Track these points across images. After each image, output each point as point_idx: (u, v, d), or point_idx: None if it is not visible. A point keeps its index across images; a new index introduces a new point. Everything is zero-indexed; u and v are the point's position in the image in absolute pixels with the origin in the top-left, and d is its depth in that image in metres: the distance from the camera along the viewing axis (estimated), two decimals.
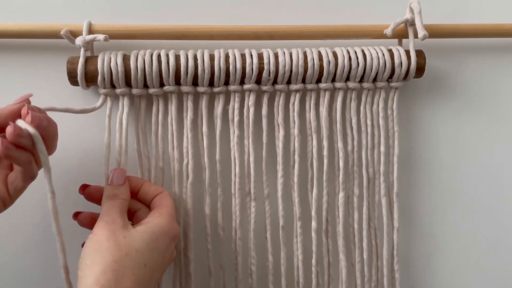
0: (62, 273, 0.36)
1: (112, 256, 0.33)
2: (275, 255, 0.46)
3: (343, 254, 0.47)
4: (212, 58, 0.42)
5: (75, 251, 0.37)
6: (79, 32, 0.42)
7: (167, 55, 0.42)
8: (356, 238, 0.48)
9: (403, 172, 0.51)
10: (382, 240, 0.48)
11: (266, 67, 0.43)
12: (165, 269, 0.38)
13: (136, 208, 0.42)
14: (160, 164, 0.44)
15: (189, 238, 0.44)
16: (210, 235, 0.45)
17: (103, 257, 0.33)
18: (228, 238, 0.46)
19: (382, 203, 0.48)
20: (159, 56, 0.42)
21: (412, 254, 0.53)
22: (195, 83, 0.43)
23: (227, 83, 0.44)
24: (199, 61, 0.42)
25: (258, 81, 0.44)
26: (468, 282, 0.55)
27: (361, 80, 0.46)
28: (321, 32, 0.46)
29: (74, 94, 0.45)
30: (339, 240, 0.47)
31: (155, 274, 0.36)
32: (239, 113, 0.44)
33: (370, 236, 0.48)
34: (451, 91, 0.51)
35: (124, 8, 0.46)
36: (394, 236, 0.48)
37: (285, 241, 0.46)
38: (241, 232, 0.45)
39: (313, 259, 0.46)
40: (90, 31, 0.42)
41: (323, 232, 0.47)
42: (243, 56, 0.43)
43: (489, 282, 0.55)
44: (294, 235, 0.46)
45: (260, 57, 0.43)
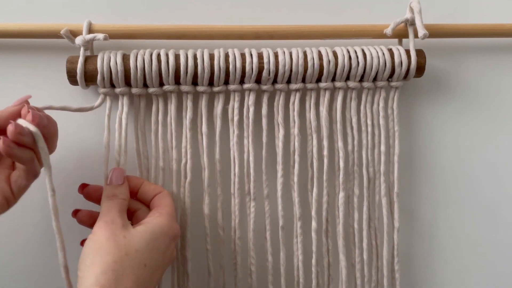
0: (62, 272, 0.36)
1: (112, 256, 0.33)
2: (274, 255, 0.46)
3: (343, 254, 0.46)
4: (212, 57, 0.42)
5: (75, 250, 0.37)
6: (79, 31, 0.42)
7: (167, 55, 0.42)
8: (356, 238, 0.47)
9: (404, 172, 0.51)
10: (382, 240, 0.48)
11: (266, 66, 0.43)
12: (165, 269, 0.38)
13: (136, 208, 0.42)
14: (160, 164, 0.44)
15: (187, 238, 0.44)
16: (209, 235, 0.45)
17: (103, 257, 0.33)
18: (227, 238, 0.46)
19: (382, 203, 0.47)
20: (158, 55, 0.42)
21: (413, 255, 0.53)
22: (194, 82, 0.43)
23: (227, 82, 0.44)
24: (199, 60, 0.42)
25: (258, 81, 0.44)
26: (468, 282, 0.55)
27: (361, 79, 0.46)
28: (321, 32, 0.46)
29: (74, 94, 0.45)
30: (339, 240, 0.47)
31: (155, 274, 0.36)
32: (239, 112, 0.44)
33: (370, 236, 0.48)
34: (451, 90, 0.51)
35: (124, 8, 0.46)
36: (394, 236, 0.48)
37: (285, 241, 0.46)
38: (241, 232, 0.45)
39: (313, 259, 0.46)
40: (90, 30, 0.42)
41: (323, 232, 0.47)
42: (243, 56, 0.43)
43: (489, 282, 0.55)
44: (294, 235, 0.46)
45: (260, 56, 0.43)
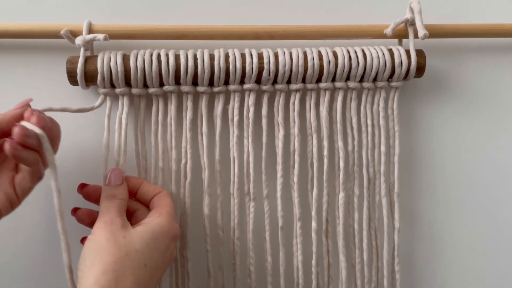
0: (66, 273, 0.36)
1: (112, 256, 0.33)
2: (274, 255, 0.46)
3: (343, 254, 0.46)
4: (212, 57, 0.42)
5: (73, 251, 0.37)
6: (79, 32, 0.42)
7: (167, 55, 0.42)
8: (356, 239, 0.47)
9: (404, 172, 0.50)
10: (382, 241, 0.48)
11: (266, 66, 0.43)
12: (165, 269, 0.38)
13: (135, 208, 0.42)
14: (160, 164, 0.44)
15: (187, 238, 0.44)
16: (209, 236, 0.45)
17: (103, 257, 0.33)
18: (226, 238, 0.46)
19: (382, 203, 0.47)
20: (159, 55, 0.42)
21: (413, 255, 0.53)
22: (195, 82, 0.43)
23: (227, 82, 0.44)
24: (199, 60, 0.42)
25: (258, 81, 0.44)
26: (469, 282, 0.54)
27: (361, 79, 0.46)
28: (321, 32, 0.46)
29: (74, 94, 0.45)
30: (339, 241, 0.47)
31: (155, 274, 0.36)
32: (239, 112, 0.44)
33: (370, 236, 0.48)
34: (451, 90, 0.51)
35: (124, 8, 0.46)
36: (394, 236, 0.48)
37: (284, 241, 0.46)
38: (240, 232, 0.45)
39: (313, 259, 0.46)
40: (90, 31, 0.42)
41: (323, 232, 0.47)
42: (243, 56, 0.43)
43: (489, 282, 0.55)
44: (294, 235, 0.46)
45: (260, 56, 0.43)
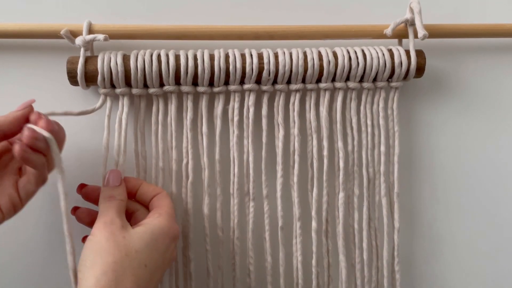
0: (71, 276, 0.36)
1: (113, 257, 0.33)
2: (273, 255, 0.46)
3: (343, 254, 0.47)
4: (212, 58, 0.42)
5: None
6: (79, 32, 0.42)
7: (167, 55, 0.42)
8: (356, 239, 0.47)
9: (404, 172, 0.51)
10: (382, 241, 0.48)
11: (266, 67, 0.43)
12: (166, 269, 0.38)
13: (134, 209, 0.41)
14: (160, 164, 0.44)
15: (189, 238, 0.44)
16: (208, 236, 0.45)
17: (103, 258, 0.33)
18: (226, 238, 0.46)
19: (382, 203, 0.47)
20: (159, 56, 0.42)
21: (413, 255, 0.53)
22: (195, 83, 0.43)
23: (227, 83, 0.44)
24: (199, 61, 0.42)
25: (258, 81, 0.44)
26: (468, 282, 0.55)
27: (361, 80, 0.46)
28: (321, 32, 0.46)
29: (74, 94, 0.45)
30: (339, 241, 0.47)
31: (156, 275, 0.36)
32: (239, 113, 0.44)
33: (370, 236, 0.48)
34: (451, 91, 0.51)
35: (124, 8, 0.46)
36: (394, 236, 0.48)
37: (284, 241, 0.46)
38: (239, 232, 0.45)
39: (313, 259, 0.46)
40: (90, 31, 0.42)
41: (323, 232, 0.47)
42: (243, 56, 0.43)
43: (489, 282, 0.55)
44: (294, 235, 0.46)
45: (260, 57, 0.43)
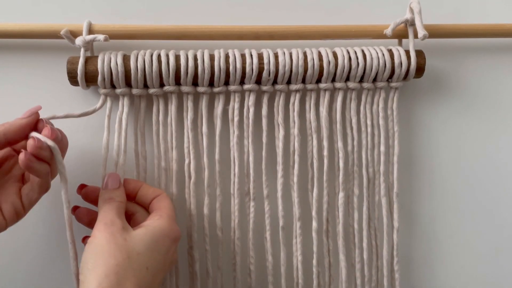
0: (74, 281, 0.37)
1: (114, 259, 0.33)
2: (274, 255, 0.46)
3: (343, 254, 0.47)
4: (212, 58, 0.42)
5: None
6: (79, 32, 0.42)
7: (167, 55, 0.42)
8: (356, 238, 0.48)
9: (403, 172, 0.51)
10: (382, 240, 0.48)
11: (266, 67, 0.43)
12: (167, 271, 0.38)
13: (134, 211, 0.41)
14: (162, 164, 0.44)
15: (193, 238, 0.45)
16: (208, 236, 0.45)
17: (105, 260, 0.33)
18: (226, 239, 0.46)
19: (382, 203, 0.48)
20: (159, 56, 0.42)
21: (412, 254, 0.53)
22: (195, 83, 0.43)
23: (227, 83, 0.44)
24: (199, 61, 0.42)
25: (258, 81, 0.44)
26: (467, 282, 0.55)
27: (361, 80, 0.46)
28: (321, 32, 0.46)
29: (74, 94, 0.45)
30: (339, 241, 0.47)
31: (157, 277, 0.36)
32: (239, 113, 0.44)
33: (370, 236, 0.48)
34: (451, 91, 0.51)
35: (124, 8, 0.46)
36: (394, 236, 0.48)
37: (285, 241, 0.46)
38: (240, 232, 0.45)
39: (314, 259, 0.46)
40: (90, 31, 0.42)
41: (323, 232, 0.47)
42: (243, 56, 0.43)
43: (489, 282, 0.55)
44: (294, 235, 0.46)
45: (260, 57, 0.43)
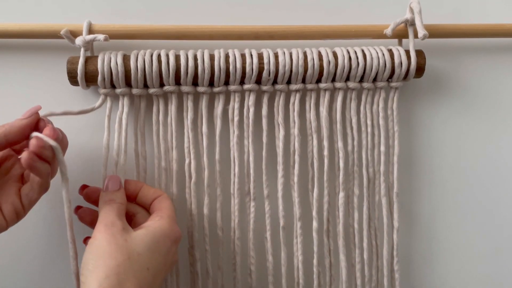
0: (74, 280, 0.37)
1: (115, 260, 0.33)
2: (275, 255, 0.46)
3: (343, 254, 0.47)
4: (212, 58, 0.42)
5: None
6: (79, 32, 0.42)
7: (167, 55, 0.42)
8: (356, 238, 0.48)
9: (403, 172, 0.51)
10: (382, 240, 0.48)
11: (266, 67, 0.43)
12: (168, 272, 0.38)
13: (135, 212, 0.41)
14: (162, 164, 0.44)
15: (195, 237, 0.45)
16: (208, 236, 0.45)
17: (106, 261, 0.33)
18: (226, 239, 0.46)
19: (382, 203, 0.48)
20: (159, 56, 0.42)
21: (412, 254, 0.53)
22: (195, 83, 0.43)
23: (227, 83, 0.44)
24: (199, 61, 0.42)
25: (258, 81, 0.44)
26: (467, 282, 0.55)
27: (361, 80, 0.46)
28: (321, 32, 0.46)
29: (74, 94, 0.45)
30: (339, 240, 0.47)
31: (158, 278, 0.36)
32: (239, 113, 0.44)
33: (370, 236, 0.48)
34: (451, 91, 0.51)
35: (124, 8, 0.46)
36: (394, 236, 0.48)
37: (285, 241, 0.46)
38: (240, 232, 0.45)
39: (315, 259, 0.46)
40: (90, 31, 0.42)
41: (324, 232, 0.47)
42: (243, 56, 0.43)
43: (489, 282, 0.55)
44: (294, 235, 0.46)
45: (260, 57, 0.43)
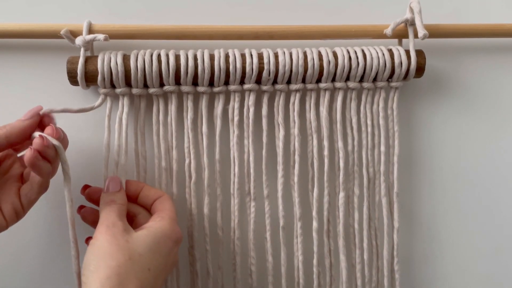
0: (75, 279, 0.37)
1: (116, 260, 0.33)
2: (275, 255, 0.46)
3: (344, 254, 0.47)
4: (212, 58, 0.42)
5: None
6: (79, 32, 0.42)
7: (167, 55, 0.42)
8: (357, 239, 0.48)
9: (403, 172, 0.51)
10: (382, 240, 0.48)
11: (266, 67, 0.43)
12: (169, 273, 0.38)
13: (136, 213, 0.41)
14: (163, 164, 0.44)
15: (195, 237, 0.45)
16: (208, 235, 0.45)
17: (107, 262, 0.33)
18: (226, 239, 0.46)
19: (382, 203, 0.48)
20: (159, 56, 0.42)
21: (413, 255, 0.53)
22: (195, 83, 0.43)
23: (227, 83, 0.44)
24: (199, 61, 0.42)
25: (258, 81, 0.44)
26: (468, 282, 0.55)
27: (361, 80, 0.46)
28: (321, 32, 0.46)
29: (74, 94, 0.45)
30: (340, 241, 0.47)
31: (159, 278, 0.36)
32: (239, 113, 0.44)
33: (370, 236, 0.48)
34: (451, 91, 0.51)
35: (124, 8, 0.46)
36: (394, 236, 0.48)
37: (285, 241, 0.46)
38: (240, 232, 0.45)
39: (315, 259, 0.46)
40: (90, 31, 0.42)
41: (324, 232, 0.47)
42: (243, 56, 0.43)
43: (489, 282, 0.55)
44: (294, 235, 0.46)
45: (260, 57, 0.43)
